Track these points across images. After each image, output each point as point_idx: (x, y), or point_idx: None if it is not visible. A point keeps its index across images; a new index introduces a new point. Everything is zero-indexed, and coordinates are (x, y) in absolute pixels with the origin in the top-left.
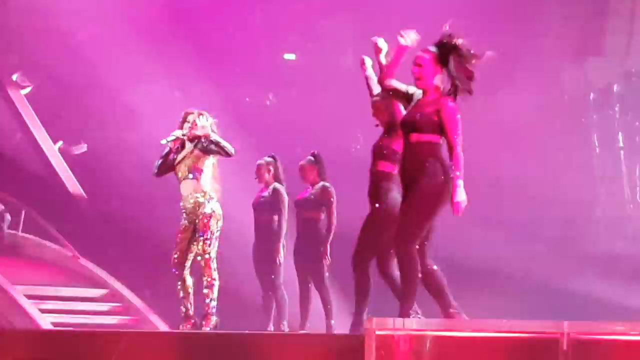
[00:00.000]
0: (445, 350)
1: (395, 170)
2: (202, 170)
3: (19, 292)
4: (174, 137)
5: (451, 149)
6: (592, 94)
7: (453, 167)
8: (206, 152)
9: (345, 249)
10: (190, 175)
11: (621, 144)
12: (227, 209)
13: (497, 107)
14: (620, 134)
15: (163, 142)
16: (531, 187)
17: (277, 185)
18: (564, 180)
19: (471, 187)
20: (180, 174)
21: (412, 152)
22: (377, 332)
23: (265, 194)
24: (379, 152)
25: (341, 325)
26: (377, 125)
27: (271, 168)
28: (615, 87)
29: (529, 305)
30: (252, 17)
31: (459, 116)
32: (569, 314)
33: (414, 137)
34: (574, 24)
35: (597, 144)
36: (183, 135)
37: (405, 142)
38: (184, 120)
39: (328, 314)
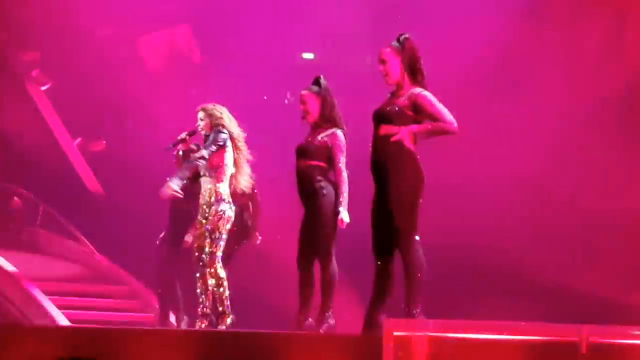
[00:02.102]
0: (464, 352)
1: None
2: (215, 168)
3: (36, 288)
4: (178, 141)
5: (447, 125)
6: (611, 95)
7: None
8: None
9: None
10: (204, 173)
11: None
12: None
13: (515, 108)
14: None
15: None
16: (550, 189)
17: None
18: (584, 183)
19: (490, 188)
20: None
21: (382, 143)
22: (395, 334)
23: None
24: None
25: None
26: None
27: None
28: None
29: (548, 308)
30: (271, 16)
31: (436, 101)
32: (588, 317)
33: (384, 129)
34: (594, 24)
35: (618, 146)
36: (187, 135)
37: (375, 133)
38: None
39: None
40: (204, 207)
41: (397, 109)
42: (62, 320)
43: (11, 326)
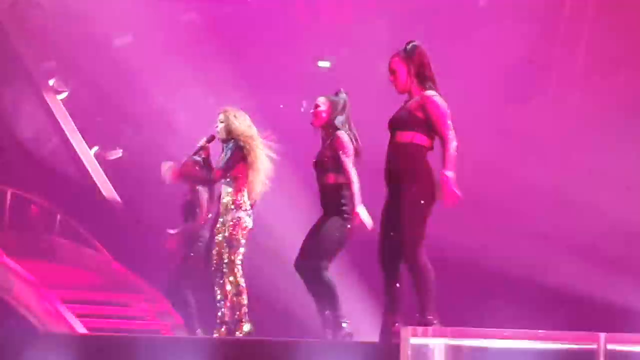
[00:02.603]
0: None
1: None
2: (232, 175)
3: (54, 296)
4: (198, 149)
5: (444, 142)
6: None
7: (444, 162)
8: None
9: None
10: (224, 180)
11: None
12: (262, 214)
13: (531, 114)
14: None
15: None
16: (571, 197)
17: None
18: (606, 191)
19: (511, 196)
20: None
21: (397, 152)
22: (412, 341)
23: None
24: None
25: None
26: None
27: None
28: None
29: (566, 316)
30: (287, 24)
31: (446, 109)
32: (606, 325)
33: (399, 135)
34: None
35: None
36: (206, 142)
37: (391, 141)
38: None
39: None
40: (223, 213)
41: (407, 112)
42: (80, 328)
43: (29, 334)
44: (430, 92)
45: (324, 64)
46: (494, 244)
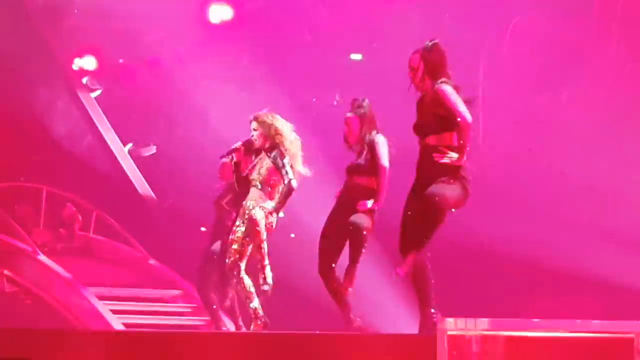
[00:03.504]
0: (517, 351)
1: None
2: (268, 183)
3: (90, 294)
4: (232, 149)
5: (458, 121)
6: None
7: (460, 140)
8: (275, 165)
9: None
10: (255, 184)
11: None
12: (292, 210)
13: (564, 106)
14: None
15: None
16: (602, 188)
17: None
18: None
19: (544, 186)
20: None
21: (428, 155)
22: (449, 332)
23: None
24: None
25: None
26: None
27: None
28: None
29: (603, 304)
30: (319, 17)
31: (454, 94)
32: None
33: (431, 139)
34: None
35: None
36: (241, 145)
37: (421, 146)
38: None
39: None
40: (246, 211)
41: (424, 110)
42: (117, 325)
43: (67, 331)
44: (438, 83)
45: (356, 56)
46: (528, 234)
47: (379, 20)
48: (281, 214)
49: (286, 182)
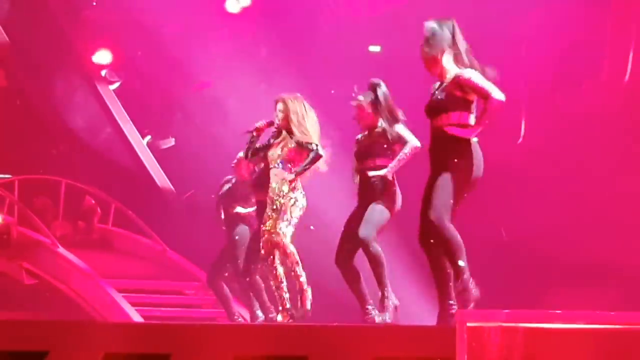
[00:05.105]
0: (537, 343)
1: None
2: (291, 161)
3: (109, 286)
4: (255, 128)
5: (485, 98)
6: None
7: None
8: (297, 144)
9: None
10: (275, 165)
11: None
12: (311, 201)
13: (581, 102)
14: None
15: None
16: (620, 180)
17: None
18: None
19: (562, 179)
20: (270, 162)
21: (439, 136)
22: (469, 324)
23: None
24: None
25: None
26: None
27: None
28: None
29: (623, 296)
30: (337, 9)
31: (479, 76)
32: None
33: (442, 119)
34: None
35: None
36: (264, 124)
37: (432, 127)
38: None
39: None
40: (274, 197)
41: (444, 94)
42: (136, 317)
43: (86, 323)
44: (460, 69)
45: (374, 48)
46: (546, 226)
47: (398, 11)
48: (304, 202)
49: (313, 148)
